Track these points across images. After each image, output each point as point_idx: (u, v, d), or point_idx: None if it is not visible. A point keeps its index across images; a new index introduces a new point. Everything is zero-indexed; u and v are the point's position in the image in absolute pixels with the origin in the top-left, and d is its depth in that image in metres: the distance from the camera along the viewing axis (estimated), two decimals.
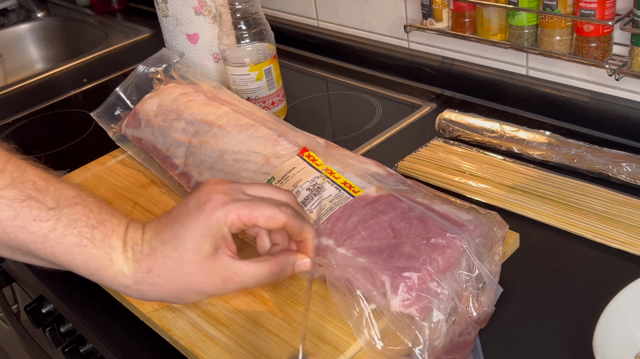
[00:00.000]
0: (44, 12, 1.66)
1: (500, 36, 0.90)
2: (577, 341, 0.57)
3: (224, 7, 0.91)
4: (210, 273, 0.54)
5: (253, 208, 0.54)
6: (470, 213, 0.61)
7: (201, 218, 0.53)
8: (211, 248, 0.53)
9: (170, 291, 0.55)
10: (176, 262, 0.53)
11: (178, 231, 0.54)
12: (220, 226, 0.53)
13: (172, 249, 0.54)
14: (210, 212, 0.53)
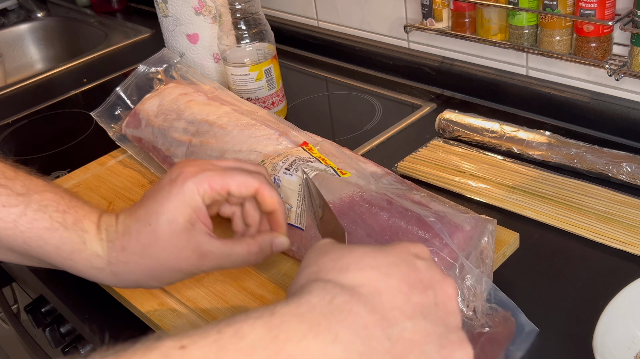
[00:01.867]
0: (44, 12, 1.66)
1: (500, 36, 0.90)
2: (577, 341, 0.57)
3: (224, 7, 0.91)
4: (185, 247, 0.53)
5: (225, 175, 0.54)
6: (462, 213, 0.61)
7: (174, 191, 0.52)
8: (185, 221, 0.52)
9: (145, 269, 0.54)
10: (150, 238, 0.52)
11: (151, 207, 0.53)
12: (194, 196, 0.52)
13: (146, 225, 0.53)
14: (182, 183, 0.52)
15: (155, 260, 0.53)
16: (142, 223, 0.53)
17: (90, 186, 0.84)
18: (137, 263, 0.53)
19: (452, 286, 0.41)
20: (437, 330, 0.38)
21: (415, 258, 0.41)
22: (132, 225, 0.54)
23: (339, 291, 0.37)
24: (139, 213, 0.54)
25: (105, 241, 0.54)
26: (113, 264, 0.54)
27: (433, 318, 0.39)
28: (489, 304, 0.58)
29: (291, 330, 0.33)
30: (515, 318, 0.58)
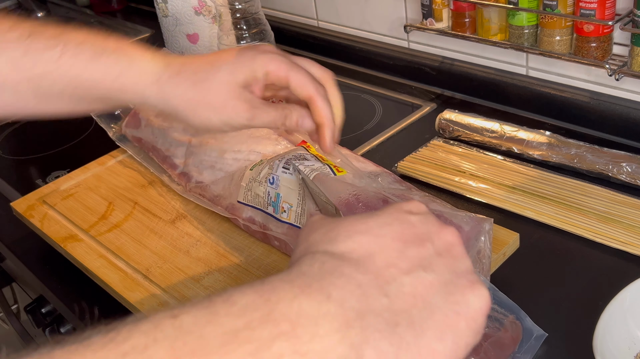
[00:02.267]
0: (43, 12, 1.66)
1: (500, 36, 0.90)
2: (577, 341, 0.56)
3: (223, 7, 0.91)
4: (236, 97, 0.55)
5: (292, 68, 0.56)
6: (461, 213, 0.61)
7: (247, 55, 0.56)
8: (243, 80, 0.56)
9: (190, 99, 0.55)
10: (208, 75, 0.55)
11: (222, 55, 0.56)
12: (259, 68, 0.56)
13: (207, 63, 0.56)
14: (258, 53, 0.56)
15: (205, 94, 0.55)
16: (206, 61, 0.56)
17: (90, 187, 0.84)
18: (187, 89, 0.55)
19: (452, 233, 0.40)
20: (441, 279, 0.36)
21: (409, 214, 0.40)
22: (196, 58, 0.57)
23: (328, 258, 0.35)
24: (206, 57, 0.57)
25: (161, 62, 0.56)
26: (163, 82, 0.56)
27: (436, 268, 0.37)
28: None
29: (282, 292, 0.32)
30: (521, 322, 0.57)
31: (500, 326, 0.56)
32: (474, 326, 0.35)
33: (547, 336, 0.57)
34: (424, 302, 0.35)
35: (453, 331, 0.35)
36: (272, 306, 0.31)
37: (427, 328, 0.34)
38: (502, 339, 0.55)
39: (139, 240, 0.74)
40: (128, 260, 0.71)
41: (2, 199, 0.91)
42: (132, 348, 0.28)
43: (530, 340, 0.56)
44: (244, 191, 0.69)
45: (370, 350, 0.32)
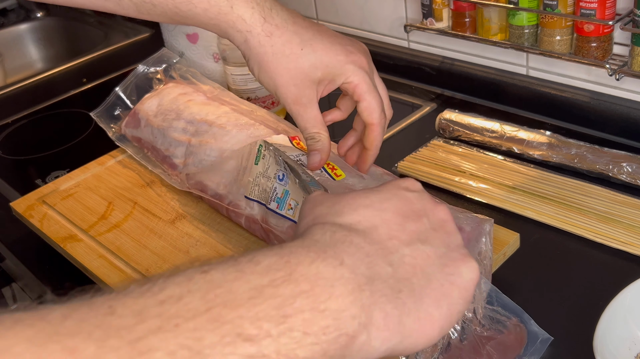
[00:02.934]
0: (43, 12, 1.66)
1: (500, 36, 0.90)
2: (578, 341, 0.56)
3: None
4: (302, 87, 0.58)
5: (371, 91, 0.59)
6: (461, 214, 0.61)
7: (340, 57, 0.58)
8: (320, 77, 0.58)
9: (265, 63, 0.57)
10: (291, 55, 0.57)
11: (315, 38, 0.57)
12: (342, 76, 0.58)
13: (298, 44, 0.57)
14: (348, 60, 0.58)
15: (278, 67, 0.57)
16: (300, 39, 0.57)
17: (89, 186, 0.84)
18: (268, 53, 0.57)
19: (444, 211, 0.43)
20: (437, 252, 0.40)
21: (406, 191, 0.43)
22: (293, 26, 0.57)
23: (338, 228, 0.38)
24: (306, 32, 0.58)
25: (259, 14, 0.57)
26: (252, 36, 0.57)
27: (432, 241, 0.40)
28: (491, 306, 0.58)
29: (301, 256, 0.35)
30: (526, 325, 0.57)
31: (503, 329, 0.56)
32: (466, 295, 0.39)
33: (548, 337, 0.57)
34: (423, 272, 0.38)
35: (448, 299, 0.38)
36: (293, 268, 0.34)
37: (426, 295, 0.37)
38: (505, 342, 0.55)
39: (138, 240, 0.74)
40: (128, 260, 0.71)
41: (2, 199, 0.91)
42: (169, 297, 0.30)
43: (535, 344, 0.56)
44: (252, 186, 0.69)
45: (378, 312, 0.35)
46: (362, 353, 0.34)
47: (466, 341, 0.56)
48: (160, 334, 0.28)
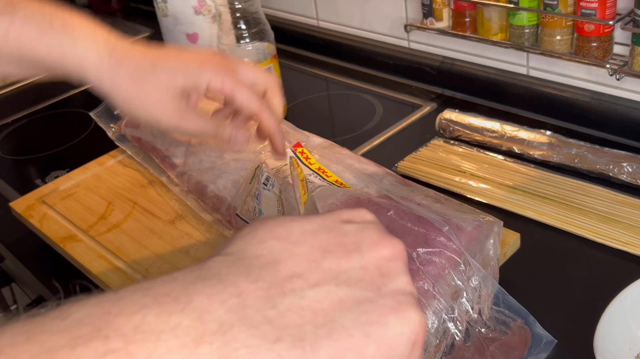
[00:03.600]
0: None
1: (500, 36, 0.90)
2: (578, 341, 0.56)
3: (223, 6, 0.91)
4: (167, 101, 0.57)
5: (237, 86, 0.58)
6: (466, 214, 0.61)
7: (192, 64, 0.57)
8: (182, 87, 0.57)
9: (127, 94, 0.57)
10: (147, 74, 0.56)
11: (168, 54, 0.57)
12: (203, 81, 0.57)
13: (150, 63, 0.57)
14: (204, 64, 0.57)
15: (141, 93, 0.57)
16: (148, 59, 0.57)
17: (89, 186, 0.84)
18: (124, 84, 0.57)
19: (393, 247, 0.34)
20: (357, 296, 0.30)
21: (345, 223, 0.34)
22: (137, 53, 0.57)
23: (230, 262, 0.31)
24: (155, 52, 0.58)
25: (105, 48, 0.57)
26: (103, 71, 0.57)
27: (355, 284, 0.31)
28: (497, 308, 0.58)
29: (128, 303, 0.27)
30: (530, 327, 0.57)
31: (507, 330, 0.56)
32: (389, 354, 0.30)
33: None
34: (325, 319, 0.29)
35: (356, 356, 0.29)
36: (109, 320, 0.26)
37: (320, 348, 0.28)
38: (508, 343, 0.55)
39: (138, 240, 0.74)
40: (127, 260, 0.71)
41: (2, 199, 0.91)
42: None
43: (539, 346, 0.56)
44: (241, 204, 0.69)
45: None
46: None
47: (470, 342, 0.56)
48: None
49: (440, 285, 0.55)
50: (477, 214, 0.62)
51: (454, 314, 0.56)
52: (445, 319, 0.55)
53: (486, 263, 0.60)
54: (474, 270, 0.57)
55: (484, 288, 0.57)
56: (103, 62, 0.56)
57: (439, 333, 0.55)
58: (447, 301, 0.55)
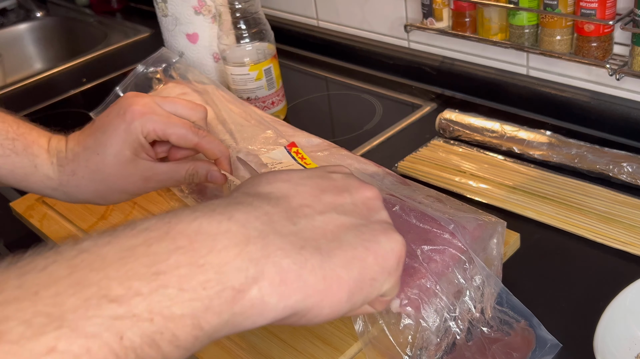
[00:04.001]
0: (43, 12, 1.66)
1: (500, 36, 0.90)
2: (578, 341, 0.56)
3: (223, 6, 0.91)
4: (132, 174, 0.59)
5: (168, 125, 0.59)
6: (469, 213, 0.61)
7: (121, 127, 0.58)
8: (131, 154, 0.59)
9: (95, 191, 0.60)
10: (98, 165, 0.58)
11: (100, 139, 0.58)
12: (138, 135, 0.58)
13: (94, 154, 0.59)
14: (130, 121, 0.58)
15: (104, 184, 0.59)
16: (90, 152, 0.59)
17: None
18: (87, 186, 0.59)
19: (372, 191, 0.41)
20: (354, 222, 0.38)
21: (331, 173, 0.42)
22: (81, 152, 0.59)
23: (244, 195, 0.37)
24: (88, 141, 0.59)
25: (56, 165, 0.60)
26: (64, 185, 0.60)
27: (350, 214, 0.38)
28: (500, 307, 0.58)
29: (183, 216, 0.33)
30: (534, 329, 0.57)
31: (510, 330, 0.56)
32: (383, 264, 0.37)
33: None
34: (333, 236, 0.36)
35: (360, 263, 0.36)
36: (171, 227, 0.32)
37: (334, 255, 0.35)
38: (511, 344, 0.55)
39: None
40: None
41: (2, 199, 0.91)
42: (32, 269, 0.29)
43: (544, 349, 0.56)
44: None
45: (271, 265, 0.33)
46: (257, 309, 0.32)
47: (472, 341, 0.56)
48: (16, 304, 0.27)
49: (443, 283, 0.55)
50: (479, 214, 0.62)
51: (456, 313, 0.56)
52: (447, 317, 0.55)
53: (489, 262, 0.60)
54: (478, 269, 0.57)
55: (487, 287, 0.57)
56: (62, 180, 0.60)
57: (440, 331, 0.55)
58: (450, 299, 0.55)
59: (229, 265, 0.32)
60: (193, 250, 0.31)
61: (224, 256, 0.32)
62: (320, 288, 0.34)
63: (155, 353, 0.29)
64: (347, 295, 0.35)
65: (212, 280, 0.31)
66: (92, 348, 0.27)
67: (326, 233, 0.36)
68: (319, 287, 0.34)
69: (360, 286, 0.36)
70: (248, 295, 0.32)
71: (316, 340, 0.58)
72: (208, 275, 0.31)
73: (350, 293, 0.35)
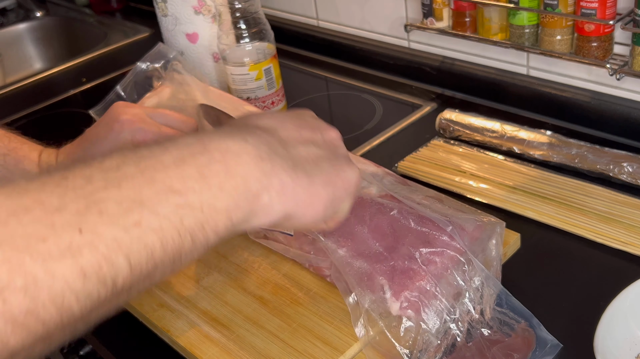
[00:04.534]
0: (43, 12, 1.66)
1: (500, 36, 0.90)
2: (578, 341, 0.56)
3: (223, 6, 0.91)
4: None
5: (159, 136, 0.60)
6: (468, 214, 0.61)
7: (110, 137, 0.59)
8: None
9: None
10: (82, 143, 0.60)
11: (88, 149, 0.59)
12: (127, 145, 0.59)
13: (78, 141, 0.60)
14: (119, 132, 0.59)
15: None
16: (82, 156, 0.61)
17: None
18: None
19: (335, 131, 0.51)
20: (327, 155, 0.47)
21: (304, 115, 0.51)
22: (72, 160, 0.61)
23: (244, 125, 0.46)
24: (77, 153, 0.60)
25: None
26: None
27: (322, 147, 0.48)
28: (500, 308, 0.57)
29: (213, 137, 0.41)
30: (534, 330, 0.57)
31: (511, 332, 0.56)
32: (347, 187, 0.47)
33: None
34: (314, 163, 0.46)
35: (333, 185, 0.46)
36: (206, 144, 0.40)
37: (316, 177, 0.45)
38: (511, 346, 0.55)
39: None
40: None
41: None
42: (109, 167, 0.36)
43: (544, 349, 0.56)
44: None
45: (277, 179, 0.42)
46: (266, 210, 0.42)
47: (472, 342, 0.56)
48: (107, 191, 0.35)
49: (442, 285, 0.55)
50: (478, 214, 0.62)
51: (456, 315, 0.56)
52: (447, 319, 0.55)
53: (488, 263, 0.60)
54: (477, 270, 0.57)
55: (486, 288, 0.57)
56: None
57: (440, 333, 0.55)
58: (449, 301, 0.55)
59: (250, 175, 0.40)
60: (225, 162, 0.40)
61: (247, 169, 0.41)
62: (307, 201, 0.44)
63: (203, 237, 0.38)
64: (323, 207, 0.45)
65: (240, 186, 0.40)
66: (164, 226, 0.36)
67: (309, 160, 0.45)
68: (306, 200, 0.44)
69: (332, 202, 0.46)
70: (261, 198, 0.41)
71: (316, 340, 0.58)
72: (237, 181, 0.40)
73: (325, 207, 0.45)
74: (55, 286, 0.31)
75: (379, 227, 0.59)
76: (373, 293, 0.56)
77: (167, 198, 0.36)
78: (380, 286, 0.55)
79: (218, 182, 0.39)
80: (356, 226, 0.60)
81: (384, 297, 0.55)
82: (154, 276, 0.36)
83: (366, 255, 0.58)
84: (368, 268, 0.57)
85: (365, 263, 0.57)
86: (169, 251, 0.36)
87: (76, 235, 0.32)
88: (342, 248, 0.59)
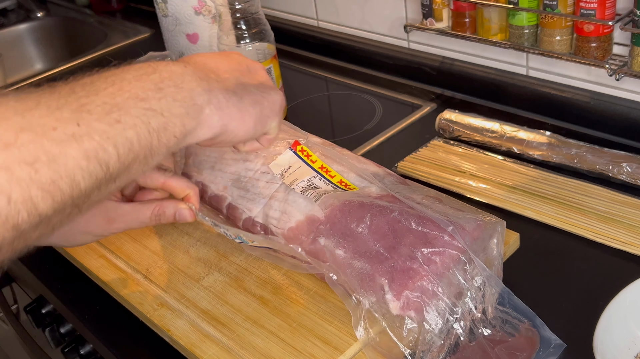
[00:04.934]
0: (43, 12, 1.66)
1: (500, 36, 0.90)
2: (578, 341, 0.56)
3: (223, 6, 0.91)
4: (95, 215, 0.60)
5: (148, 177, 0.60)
6: (469, 214, 0.61)
7: None
8: None
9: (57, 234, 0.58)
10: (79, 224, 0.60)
11: None
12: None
13: None
14: None
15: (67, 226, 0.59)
16: None
17: None
18: None
19: (260, 65, 0.60)
20: (252, 82, 0.55)
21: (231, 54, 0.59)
22: None
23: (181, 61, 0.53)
24: None
25: None
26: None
27: (248, 77, 0.56)
28: (502, 308, 0.58)
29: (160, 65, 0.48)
30: (538, 330, 0.57)
31: (514, 332, 0.56)
32: (273, 107, 0.55)
33: None
34: (243, 86, 0.53)
35: (260, 105, 0.54)
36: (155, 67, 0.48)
37: (245, 96, 0.52)
38: (515, 346, 0.55)
39: (138, 240, 0.74)
40: (128, 260, 0.71)
41: None
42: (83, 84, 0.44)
43: (548, 349, 0.56)
44: None
45: (214, 96, 0.50)
46: (209, 122, 0.49)
47: (475, 342, 0.56)
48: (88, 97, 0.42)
49: (444, 285, 0.55)
50: (478, 214, 0.62)
51: (458, 314, 0.56)
52: (450, 319, 0.55)
53: (490, 262, 0.60)
54: (478, 269, 0.57)
55: (488, 287, 0.57)
56: None
57: (442, 333, 0.55)
58: (451, 300, 0.55)
59: (194, 90, 0.48)
60: (174, 79, 0.47)
61: (192, 85, 0.48)
62: (239, 117, 0.51)
63: (165, 138, 0.45)
64: (253, 124, 0.53)
65: (188, 98, 0.47)
66: (137, 123, 0.43)
67: (238, 86, 0.53)
68: (238, 116, 0.51)
69: (260, 120, 0.53)
70: (204, 111, 0.49)
71: (316, 340, 0.58)
72: (185, 93, 0.47)
73: (255, 123, 0.53)
74: (69, 163, 0.38)
75: (380, 228, 0.59)
76: (374, 294, 0.56)
77: (135, 103, 0.44)
78: (381, 287, 0.55)
79: (171, 93, 0.46)
80: (357, 227, 0.60)
81: (385, 297, 0.55)
82: (132, 168, 0.43)
83: (367, 256, 0.58)
84: (369, 268, 0.57)
85: (366, 263, 0.57)
86: (143, 145, 0.43)
87: (76, 127, 0.39)
88: (343, 249, 0.59)
